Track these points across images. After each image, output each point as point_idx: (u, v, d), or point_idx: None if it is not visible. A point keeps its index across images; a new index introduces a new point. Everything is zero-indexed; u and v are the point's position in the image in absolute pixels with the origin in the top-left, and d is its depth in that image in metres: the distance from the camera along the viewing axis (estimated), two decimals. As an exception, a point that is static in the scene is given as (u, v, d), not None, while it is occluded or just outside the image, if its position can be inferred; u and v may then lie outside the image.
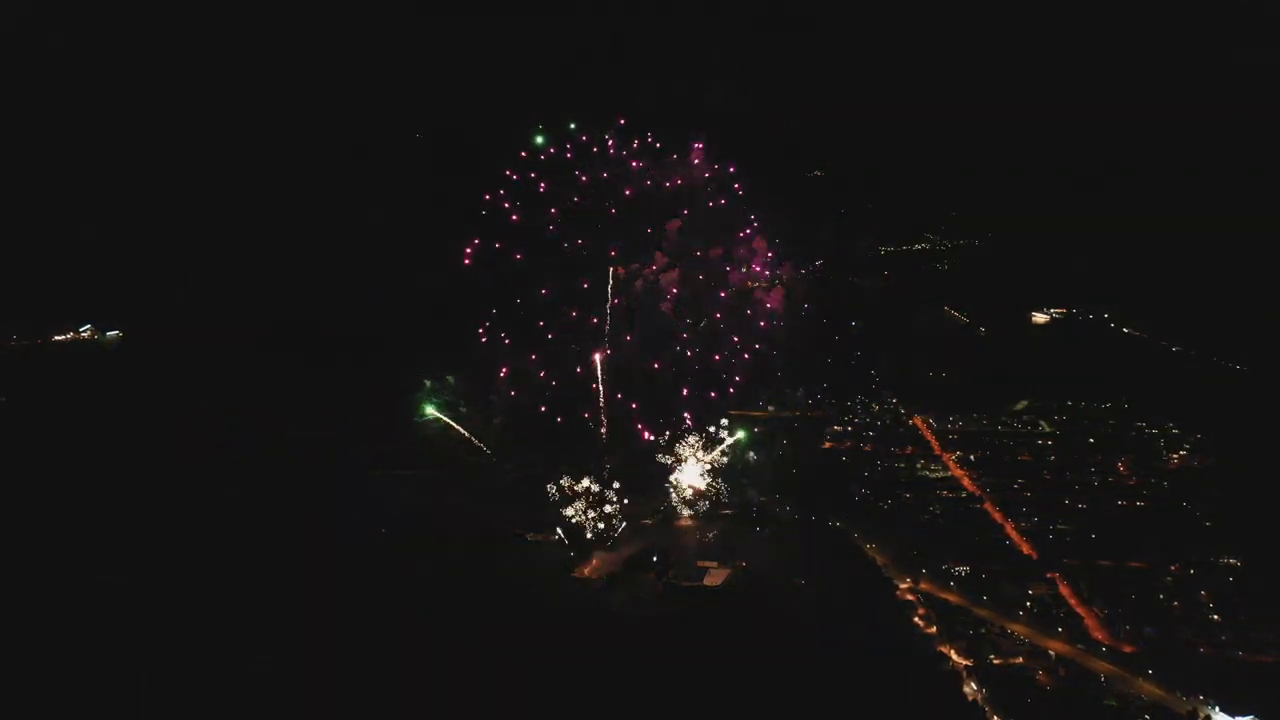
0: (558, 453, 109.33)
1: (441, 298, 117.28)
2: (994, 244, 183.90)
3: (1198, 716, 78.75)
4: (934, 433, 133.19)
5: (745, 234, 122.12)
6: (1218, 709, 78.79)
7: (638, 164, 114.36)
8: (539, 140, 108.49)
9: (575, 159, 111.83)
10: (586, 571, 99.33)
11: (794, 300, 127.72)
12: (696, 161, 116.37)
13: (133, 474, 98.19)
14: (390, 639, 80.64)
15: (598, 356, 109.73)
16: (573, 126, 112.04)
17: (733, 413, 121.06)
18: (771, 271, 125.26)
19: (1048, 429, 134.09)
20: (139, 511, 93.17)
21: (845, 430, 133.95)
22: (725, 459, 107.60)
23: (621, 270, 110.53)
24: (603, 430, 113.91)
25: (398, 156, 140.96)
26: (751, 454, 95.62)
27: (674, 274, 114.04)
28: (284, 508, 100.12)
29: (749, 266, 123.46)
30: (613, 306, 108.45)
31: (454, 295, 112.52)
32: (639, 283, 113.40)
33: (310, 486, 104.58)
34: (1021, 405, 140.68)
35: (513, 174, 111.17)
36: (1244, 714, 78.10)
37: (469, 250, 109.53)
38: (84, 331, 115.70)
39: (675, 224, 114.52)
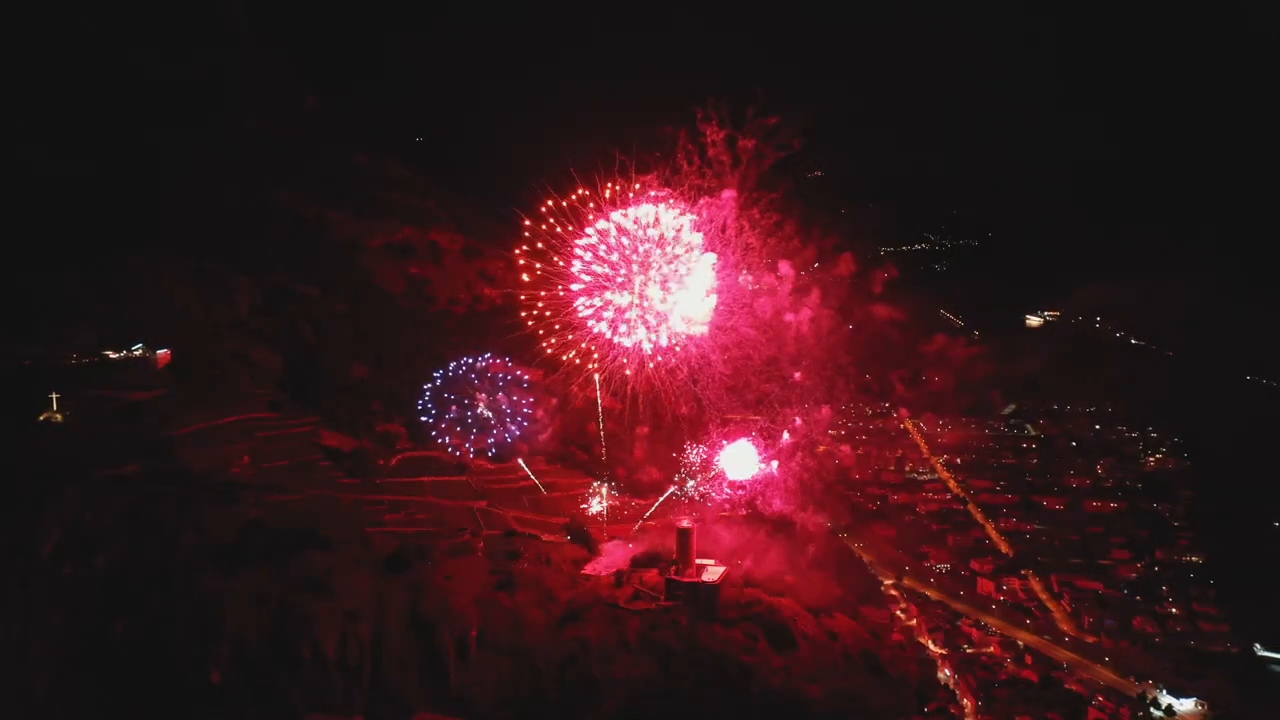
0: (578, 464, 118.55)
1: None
2: (992, 245, 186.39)
3: (1146, 698, 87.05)
4: (924, 435, 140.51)
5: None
6: (1165, 691, 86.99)
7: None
8: None
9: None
10: (597, 569, 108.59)
11: (819, 325, 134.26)
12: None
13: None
14: (418, 626, 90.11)
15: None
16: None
17: (732, 416, 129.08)
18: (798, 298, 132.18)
19: (1033, 432, 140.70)
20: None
21: (840, 434, 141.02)
22: None
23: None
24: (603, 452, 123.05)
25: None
26: None
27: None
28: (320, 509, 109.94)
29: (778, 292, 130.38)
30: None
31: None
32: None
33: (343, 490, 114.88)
34: (1010, 409, 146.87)
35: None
36: (1188, 696, 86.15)
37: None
38: (136, 350, 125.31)
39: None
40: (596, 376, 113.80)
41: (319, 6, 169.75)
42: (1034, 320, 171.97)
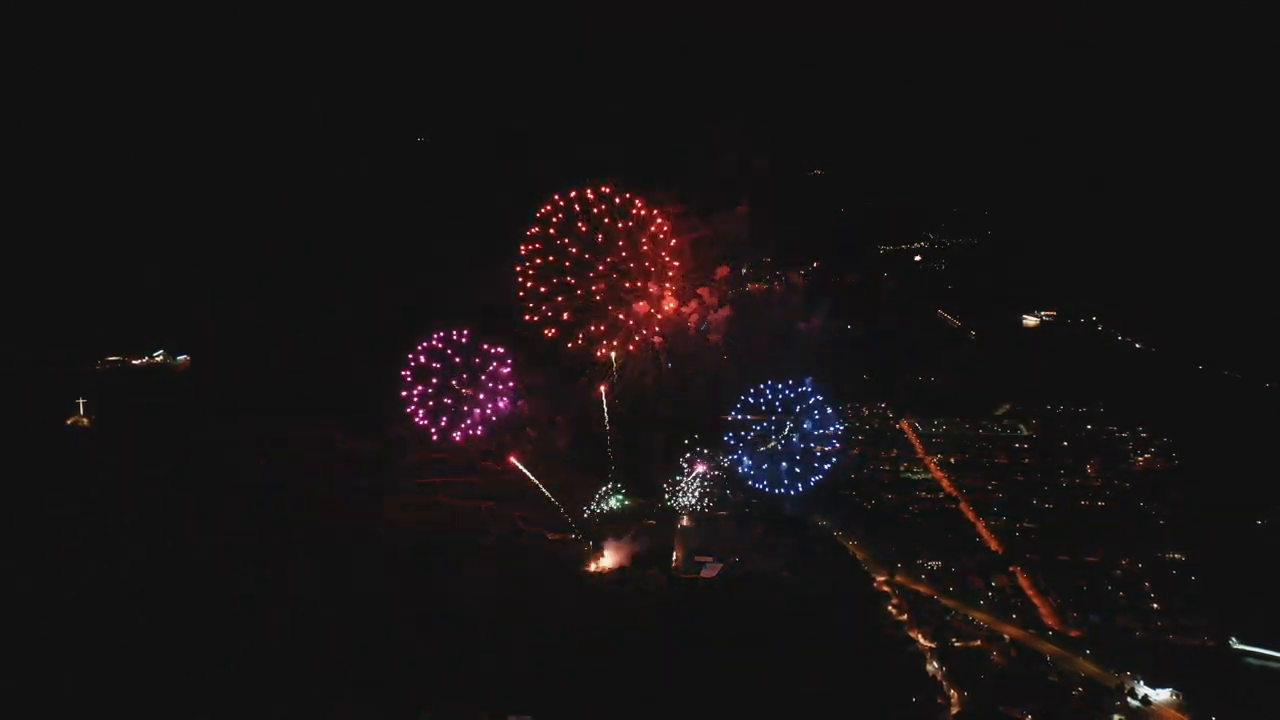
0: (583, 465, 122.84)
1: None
2: (990, 244, 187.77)
3: (1124, 689, 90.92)
4: (919, 436, 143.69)
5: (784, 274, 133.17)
6: (1142, 683, 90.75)
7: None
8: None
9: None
10: (599, 566, 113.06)
11: (826, 332, 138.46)
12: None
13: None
14: (430, 620, 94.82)
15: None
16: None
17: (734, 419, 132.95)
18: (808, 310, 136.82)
19: (1025, 432, 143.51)
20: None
21: (838, 434, 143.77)
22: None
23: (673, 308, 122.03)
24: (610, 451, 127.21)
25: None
26: None
27: (724, 310, 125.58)
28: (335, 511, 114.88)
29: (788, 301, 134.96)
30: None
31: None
32: (694, 319, 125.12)
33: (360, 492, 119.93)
34: (1003, 410, 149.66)
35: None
36: (1165, 687, 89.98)
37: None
38: (157, 356, 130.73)
39: (724, 269, 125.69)
40: (610, 380, 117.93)
41: (325, 7, 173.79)
42: (1030, 320, 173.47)
